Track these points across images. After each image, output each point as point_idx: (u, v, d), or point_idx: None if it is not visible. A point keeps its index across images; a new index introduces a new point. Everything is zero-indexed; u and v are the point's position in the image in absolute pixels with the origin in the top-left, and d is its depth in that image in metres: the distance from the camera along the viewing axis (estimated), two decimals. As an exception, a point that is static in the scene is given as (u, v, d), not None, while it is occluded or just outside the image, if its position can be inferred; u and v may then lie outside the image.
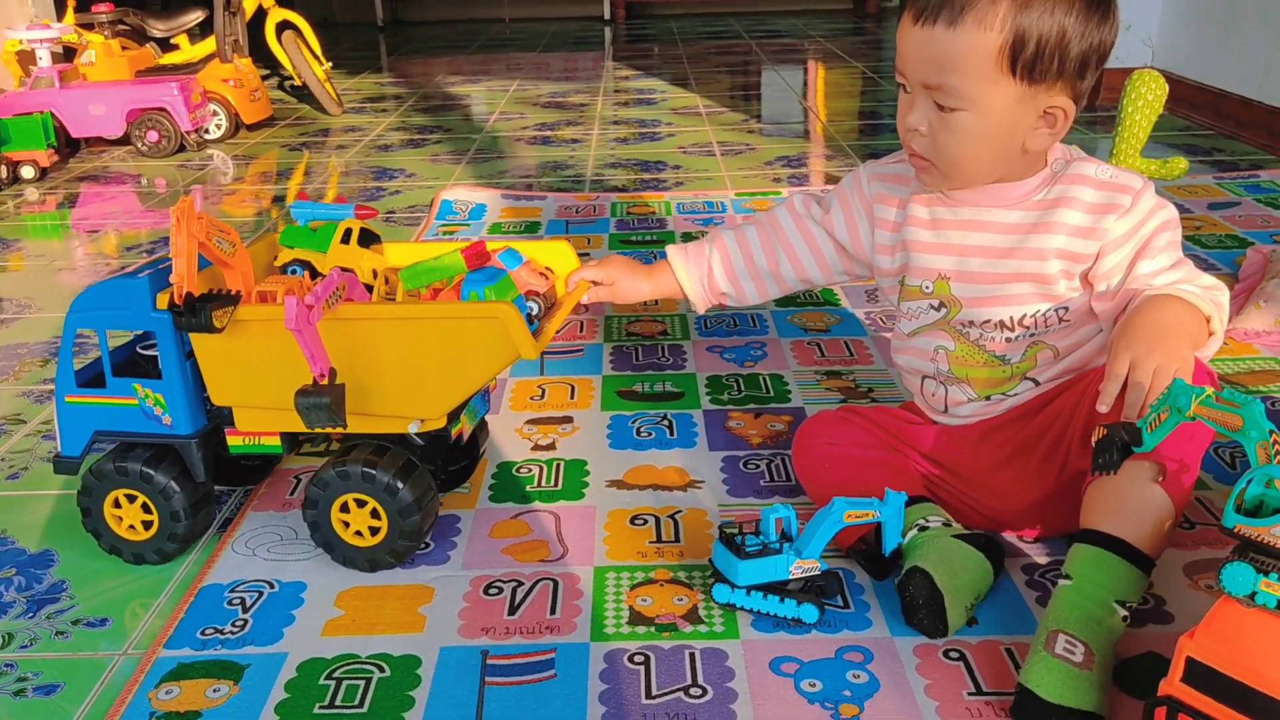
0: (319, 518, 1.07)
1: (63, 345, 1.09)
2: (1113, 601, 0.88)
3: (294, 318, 0.95)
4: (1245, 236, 2.00)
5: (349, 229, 1.17)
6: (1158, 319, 0.93)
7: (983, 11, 0.94)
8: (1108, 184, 1.02)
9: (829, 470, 1.13)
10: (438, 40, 5.62)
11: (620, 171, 2.73)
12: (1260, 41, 2.77)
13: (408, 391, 1.04)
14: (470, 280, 1.09)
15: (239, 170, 2.92)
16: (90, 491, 1.10)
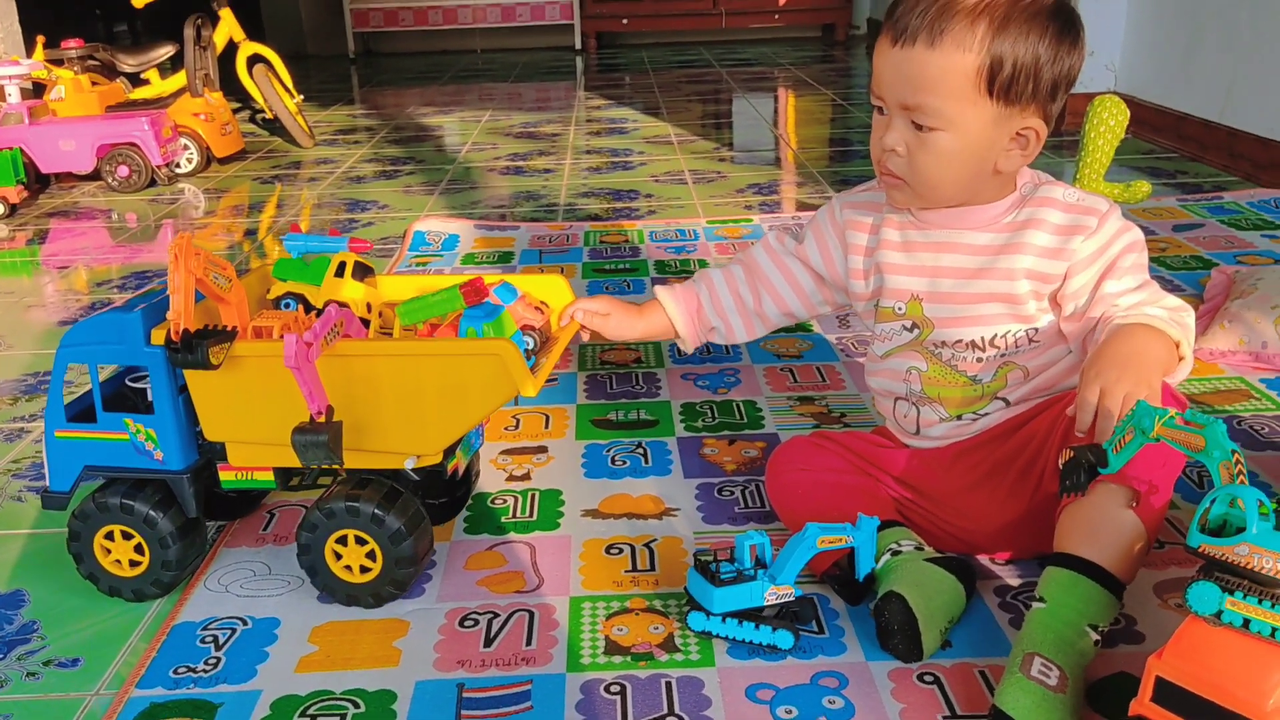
0: (315, 561, 1.06)
1: (53, 380, 1.08)
2: (1085, 625, 0.89)
3: (293, 355, 0.94)
4: (1210, 258, 2.03)
5: (343, 262, 1.17)
6: (1128, 348, 0.94)
7: (961, 34, 0.96)
8: (1075, 206, 1.04)
9: (802, 496, 1.14)
10: (409, 71, 5.64)
11: (593, 200, 2.74)
12: (1220, 65, 2.82)
13: (405, 428, 1.04)
14: (468, 316, 1.09)
15: (210, 204, 2.92)
16: (78, 535, 1.08)
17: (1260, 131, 2.64)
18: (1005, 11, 0.97)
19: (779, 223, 2.42)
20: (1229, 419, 1.39)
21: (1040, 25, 0.98)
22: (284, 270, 1.18)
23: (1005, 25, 0.96)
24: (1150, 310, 0.99)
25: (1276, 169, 2.56)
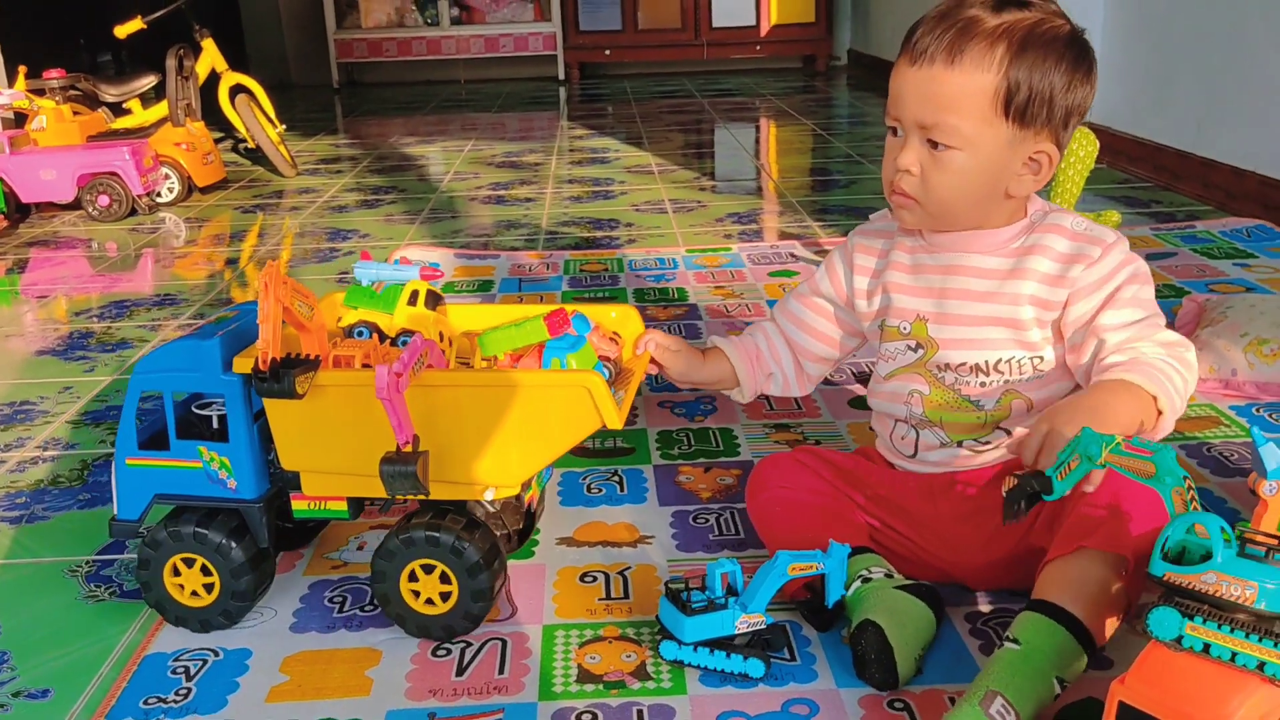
0: (389, 590, 1.04)
1: (125, 407, 1.07)
2: (1054, 675, 0.89)
3: (385, 387, 0.94)
4: (1182, 286, 2.05)
5: (415, 290, 1.16)
6: (1094, 399, 0.94)
7: (980, 54, 0.99)
8: (1081, 235, 1.05)
9: (780, 516, 1.14)
10: (393, 101, 5.67)
11: (573, 229, 2.76)
12: (1194, 96, 2.87)
13: (487, 459, 1.03)
14: (552, 347, 1.08)
15: (192, 233, 2.92)
16: (147, 564, 1.07)
17: (1233, 161, 2.67)
18: (1024, 36, 0.99)
19: (757, 252, 2.44)
20: (1199, 446, 1.41)
21: (1057, 52, 1.00)
22: (356, 298, 1.17)
23: (1024, 49, 0.99)
24: (1144, 348, 0.99)
25: (1249, 198, 2.59)
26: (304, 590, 1.15)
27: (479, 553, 1.02)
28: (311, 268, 2.50)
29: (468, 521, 1.04)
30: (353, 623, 1.09)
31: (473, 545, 1.02)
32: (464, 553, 1.02)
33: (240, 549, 1.06)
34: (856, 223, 2.66)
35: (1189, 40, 2.88)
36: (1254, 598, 0.73)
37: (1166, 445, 0.79)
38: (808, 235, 2.59)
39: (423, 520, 1.03)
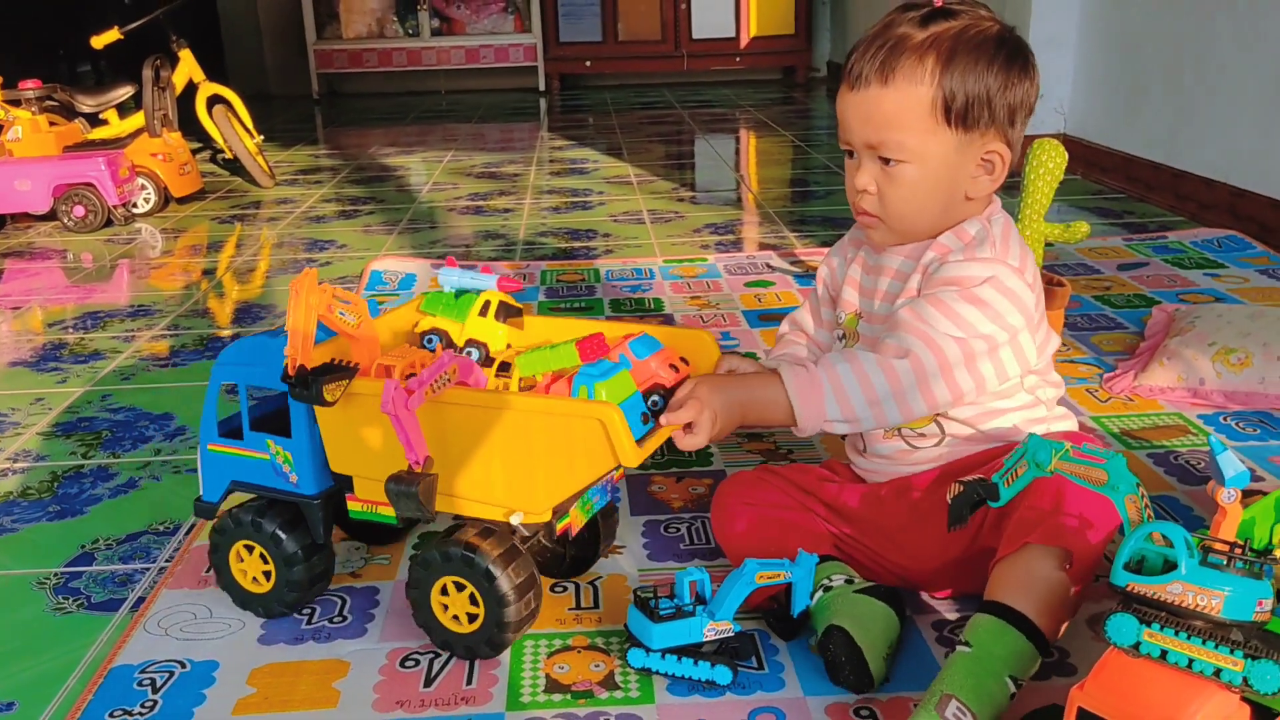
0: (420, 598, 1.04)
1: (208, 395, 1.11)
2: (1007, 675, 0.89)
3: (389, 401, 0.93)
4: (1153, 296, 2.07)
5: (488, 300, 1.16)
6: (743, 382, 1.05)
7: (911, 69, 1.01)
8: (968, 238, 1.06)
9: (745, 531, 1.14)
10: (373, 112, 5.66)
11: (551, 240, 2.76)
12: (1166, 108, 2.89)
13: (512, 482, 1.00)
14: (584, 373, 1.02)
15: (168, 244, 2.91)
16: (217, 548, 1.11)
17: (1204, 172, 2.70)
18: (952, 43, 1.01)
19: (734, 262, 2.45)
20: (1166, 454, 1.42)
21: (988, 54, 1.02)
22: (432, 304, 1.17)
23: (953, 56, 1.01)
24: (860, 352, 1.04)
25: (1220, 209, 2.62)
26: (273, 601, 1.15)
27: (510, 584, 0.99)
28: (288, 278, 2.50)
29: (509, 549, 1.01)
30: (321, 634, 1.09)
31: (506, 575, 0.99)
32: (495, 581, 0.99)
33: (294, 541, 1.08)
34: (834, 233, 2.68)
35: (1161, 54, 2.91)
36: (1219, 607, 0.73)
37: (1118, 453, 0.80)
38: (784, 246, 2.60)
39: (464, 537, 1.01)
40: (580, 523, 1.09)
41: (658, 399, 1.06)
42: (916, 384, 1.02)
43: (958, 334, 1.02)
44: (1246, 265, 2.24)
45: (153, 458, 1.54)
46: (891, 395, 1.02)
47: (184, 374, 1.88)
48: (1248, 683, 0.72)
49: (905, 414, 1.04)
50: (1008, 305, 1.03)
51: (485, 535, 1.01)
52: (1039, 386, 1.11)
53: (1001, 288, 1.03)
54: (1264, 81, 2.47)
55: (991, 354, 1.03)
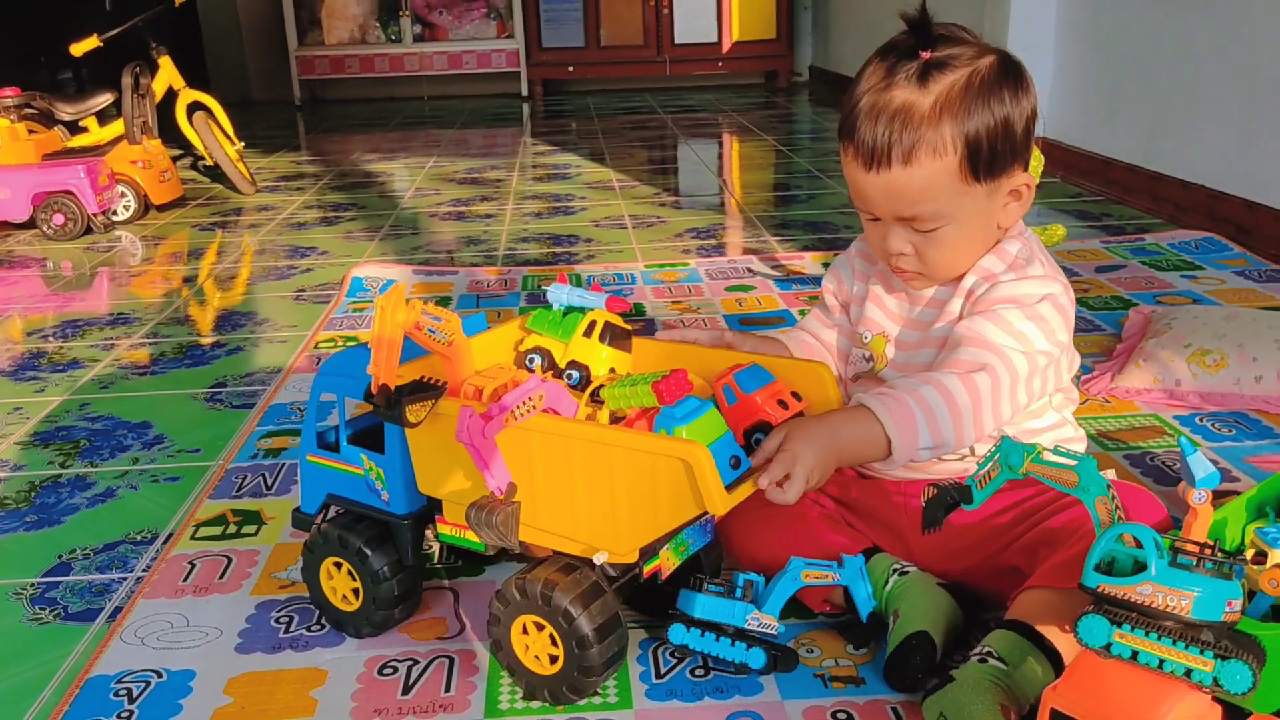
0: (501, 636, 0.99)
1: (309, 405, 1.09)
2: (1025, 698, 0.89)
3: (465, 430, 0.90)
4: (1130, 298, 2.08)
5: (594, 321, 1.11)
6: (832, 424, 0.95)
7: (932, 143, 0.98)
8: (1013, 260, 1.05)
9: (768, 533, 1.12)
10: (356, 118, 5.66)
11: (533, 245, 2.76)
12: (1143, 111, 2.91)
13: (596, 519, 0.95)
14: (666, 414, 0.95)
15: (148, 251, 2.90)
16: (309, 564, 1.10)
17: (1181, 175, 2.72)
18: (962, 102, 0.98)
19: (715, 267, 2.45)
20: (1143, 455, 1.43)
21: (996, 95, 0.99)
22: (539, 322, 1.13)
23: (968, 114, 0.98)
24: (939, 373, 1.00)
25: (1197, 211, 2.64)
26: (250, 610, 1.15)
27: (590, 625, 0.93)
28: (269, 285, 2.49)
29: (590, 587, 0.94)
30: (299, 643, 1.09)
31: (585, 616, 0.93)
32: (575, 621, 0.93)
33: (383, 560, 1.05)
34: (816, 237, 2.69)
35: (1138, 58, 2.93)
36: (1189, 607, 0.74)
37: (1088, 455, 0.80)
38: (766, 250, 2.61)
39: (543, 574, 0.95)
40: (673, 565, 1.01)
41: (761, 437, 0.98)
42: (993, 399, 1.00)
43: (1022, 349, 1.01)
44: (1223, 267, 2.26)
45: (131, 467, 1.53)
46: (972, 413, 0.99)
47: (163, 382, 1.88)
48: (1218, 683, 0.73)
49: (979, 432, 1.00)
50: (1061, 322, 1.03)
51: (566, 572, 0.95)
52: (1064, 405, 1.12)
53: (1057, 304, 1.03)
54: (1240, 84, 2.49)
55: (1044, 371, 1.03)
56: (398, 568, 1.07)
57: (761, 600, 1.00)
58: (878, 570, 1.06)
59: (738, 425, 0.99)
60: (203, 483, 1.47)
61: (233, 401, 1.77)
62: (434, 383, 0.97)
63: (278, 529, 1.31)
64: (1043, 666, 0.90)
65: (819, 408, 1.03)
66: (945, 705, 0.87)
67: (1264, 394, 1.54)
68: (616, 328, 1.13)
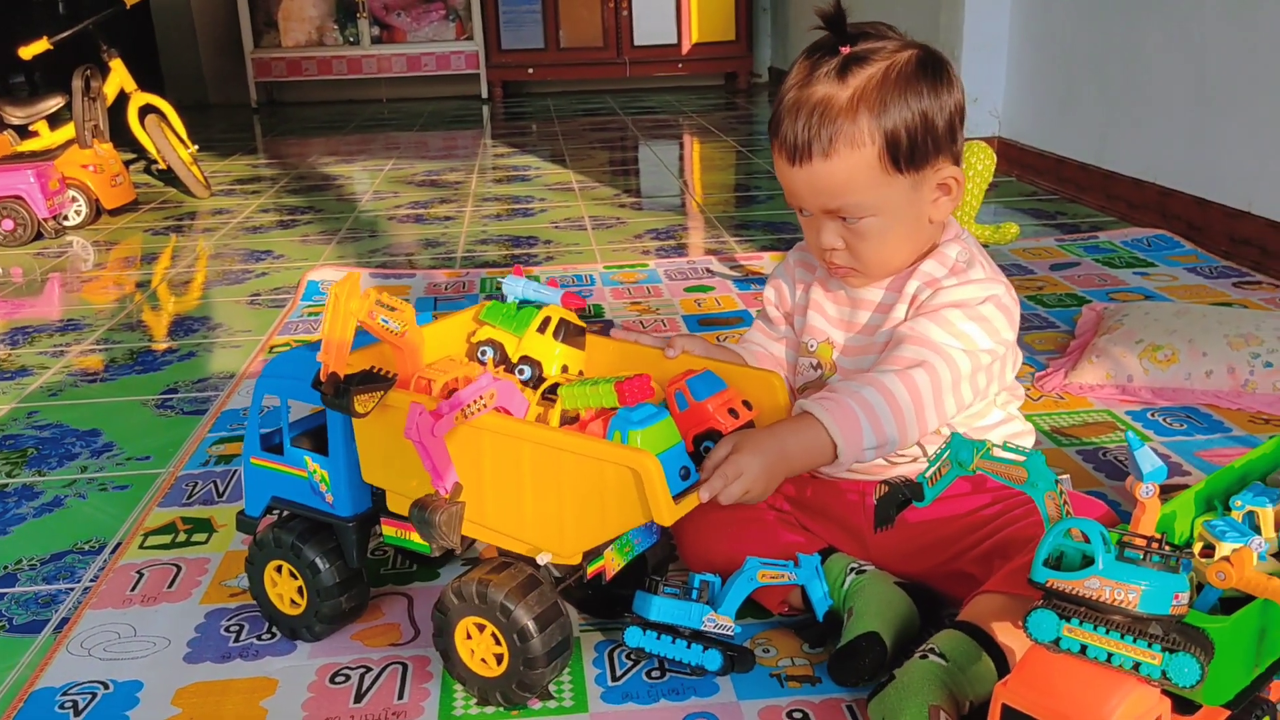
0: (447, 646, 0.98)
1: (252, 407, 1.08)
2: (970, 698, 0.89)
3: (414, 428, 0.89)
4: (1084, 295, 2.10)
5: (549, 316, 1.10)
6: (780, 434, 0.96)
7: (849, 135, 0.99)
8: (955, 265, 1.06)
9: (722, 534, 1.12)
10: (313, 121, 5.60)
11: (491, 247, 2.75)
12: (1096, 111, 2.95)
13: (541, 520, 0.94)
14: (622, 416, 0.94)
15: (100, 256, 2.86)
16: (253, 562, 1.08)
17: (1134, 173, 2.75)
18: (879, 93, 0.99)
19: (674, 267, 2.45)
20: (1095, 451, 1.44)
21: (915, 87, 1.00)
22: (493, 314, 1.12)
23: (885, 106, 0.99)
24: (881, 371, 1.00)
25: (1149, 209, 2.67)
26: (200, 619, 1.13)
27: (529, 616, 0.92)
28: (223, 289, 2.46)
29: (526, 579, 0.94)
30: (249, 652, 1.07)
31: (522, 607, 0.92)
32: (512, 614, 0.92)
33: (330, 567, 1.04)
34: (775, 238, 2.70)
35: (1091, 58, 2.96)
36: (1136, 601, 0.74)
37: (1036, 450, 0.80)
38: (725, 251, 2.61)
39: (478, 574, 0.95)
40: (617, 566, 1.01)
41: (710, 445, 0.98)
42: (934, 395, 1.00)
43: (965, 348, 1.02)
44: (1175, 264, 2.29)
45: (79, 475, 1.51)
46: (914, 411, 0.99)
47: (113, 389, 1.85)
48: (1166, 676, 0.73)
49: (923, 429, 1.01)
50: (1004, 322, 1.04)
51: (501, 569, 0.95)
52: (1009, 402, 1.12)
53: (1000, 305, 1.04)
54: (1190, 83, 2.52)
55: (989, 368, 1.04)
56: (349, 575, 1.05)
57: (718, 601, 1.00)
58: (835, 569, 1.06)
59: (688, 431, 0.99)
60: (152, 491, 1.44)
61: (184, 408, 1.74)
62: (384, 374, 0.96)
63: (229, 536, 1.29)
64: (992, 666, 0.90)
65: (770, 416, 1.03)
66: (885, 707, 0.87)
67: (1214, 389, 1.56)
68: (571, 324, 1.12)
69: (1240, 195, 2.34)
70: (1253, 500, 0.97)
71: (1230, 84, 2.38)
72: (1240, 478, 1.02)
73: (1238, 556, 0.78)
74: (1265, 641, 0.82)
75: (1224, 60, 2.40)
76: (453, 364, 1.05)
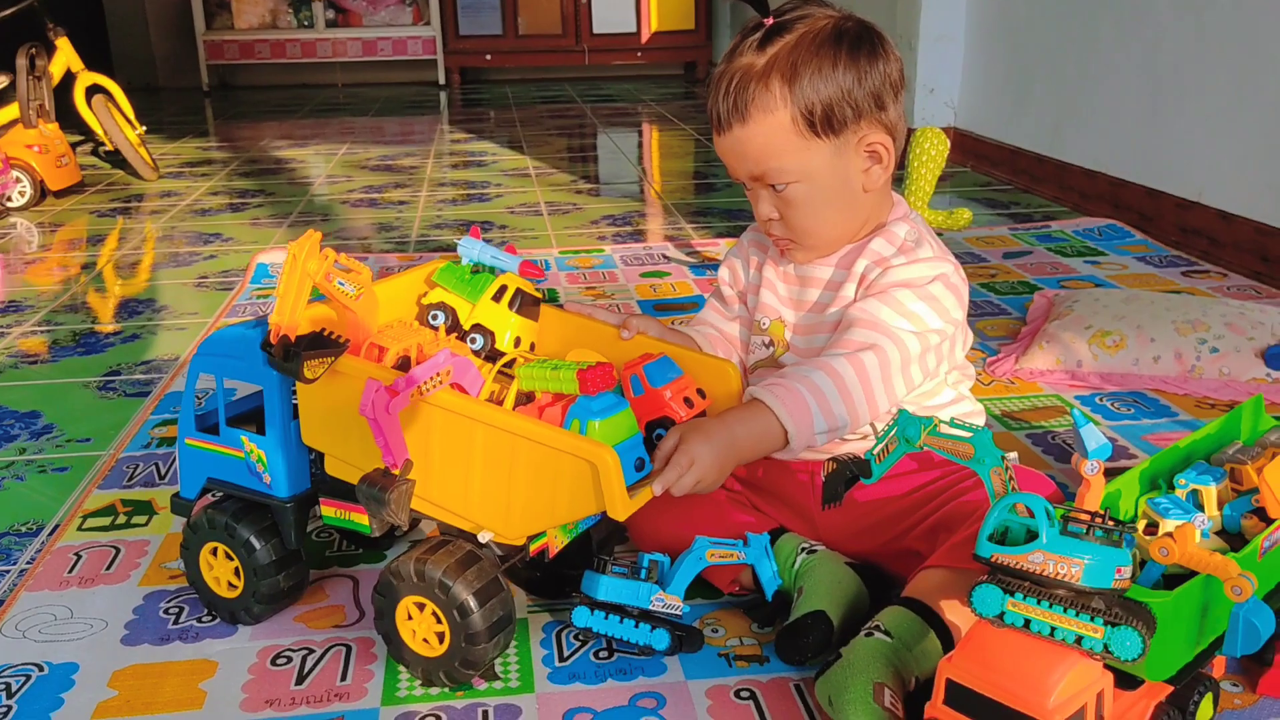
0: (388, 628, 0.96)
1: (186, 388, 1.05)
2: (915, 673, 0.89)
3: (369, 405, 0.86)
4: (1035, 283, 2.12)
5: (505, 285, 1.08)
6: (729, 422, 0.95)
7: (762, 100, 1.00)
8: (904, 244, 1.06)
9: (671, 513, 1.09)
10: (266, 105, 5.53)
11: (446, 232, 2.72)
12: (1050, 103, 2.97)
13: (490, 501, 0.93)
14: (582, 405, 0.92)
15: (45, 238, 2.79)
16: (188, 545, 1.06)
17: (1087, 164, 2.78)
18: (790, 58, 1.00)
19: (630, 253, 2.44)
20: (1044, 434, 1.45)
21: (829, 54, 1.00)
22: (446, 276, 1.09)
23: (796, 71, 1.00)
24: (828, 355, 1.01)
25: (1101, 199, 2.70)
26: (138, 601, 1.11)
27: (468, 591, 0.91)
28: (170, 272, 2.42)
29: (465, 555, 0.93)
30: (188, 634, 1.05)
31: (461, 583, 0.91)
32: (450, 590, 0.91)
33: (265, 545, 1.02)
34: (732, 225, 2.69)
35: (1045, 49, 2.98)
36: (1079, 574, 0.75)
37: (983, 427, 0.80)
38: (682, 238, 2.60)
39: (415, 553, 0.93)
40: (559, 544, 0.99)
41: (662, 432, 0.97)
42: (883, 378, 1.00)
43: (914, 329, 1.01)
44: (1125, 253, 2.31)
45: (17, 457, 1.47)
46: (863, 393, 0.99)
47: (54, 370, 1.81)
48: (1108, 649, 0.73)
49: (873, 410, 1.01)
50: (954, 301, 1.04)
51: (438, 547, 0.94)
52: (960, 381, 1.13)
53: (949, 284, 1.04)
54: (1143, 76, 2.55)
55: (938, 348, 1.04)
56: (287, 557, 1.04)
57: (667, 580, 0.99)
58: (786, 549, 1.05)
59: (641, 418, 0.98)
60: (92, 473, 1.41)
61: (127, 390, 1.70)
62: (335, 338, 0.93)
63: (169, 519, 1.27)
64: (938, 641, 0.90)
65: (724, 405, 1.02)
66: (830, 686, 0.87)
67: (1161, 374, 1.57)
68: (527, 295, 1.10)
69: (1190, 186, 2.37)
70: (1196, 479, 0.98)
71: (1181, 77, 2.40)
72: (1185, 457, 1.03)
73: (1180, 533, 0.78)
74: (1207, 618, 0.82)
75: (1176, 54, 2.42)
76: (405, 330, 1.03)
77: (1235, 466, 1.02)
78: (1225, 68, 2.25)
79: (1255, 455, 1.03)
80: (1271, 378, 1.52)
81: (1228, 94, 2.25)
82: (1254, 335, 1.57)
